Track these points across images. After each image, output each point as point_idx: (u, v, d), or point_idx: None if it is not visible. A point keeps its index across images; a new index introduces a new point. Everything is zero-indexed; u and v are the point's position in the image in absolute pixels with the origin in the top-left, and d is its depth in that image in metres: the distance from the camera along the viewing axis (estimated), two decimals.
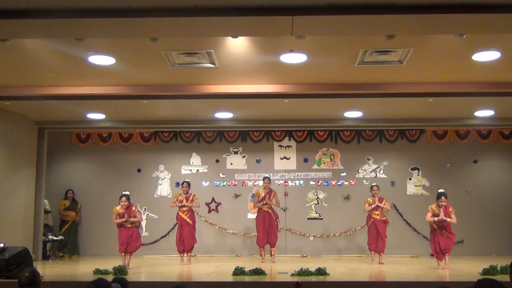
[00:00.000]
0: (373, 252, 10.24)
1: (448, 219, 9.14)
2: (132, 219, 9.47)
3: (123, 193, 9.71)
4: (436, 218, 9.17)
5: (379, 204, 10.14)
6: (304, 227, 12.21)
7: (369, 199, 10.28)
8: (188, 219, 10.04)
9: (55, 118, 11.27)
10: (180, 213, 10.10)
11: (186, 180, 10.53)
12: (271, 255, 10.42)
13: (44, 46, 6.90)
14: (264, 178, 10.73)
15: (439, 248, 9.21)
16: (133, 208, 9.57)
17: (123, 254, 9.49)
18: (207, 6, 5.70)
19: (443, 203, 9.20)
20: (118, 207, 9.52)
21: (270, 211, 10.41)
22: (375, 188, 10.30)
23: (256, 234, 10.61)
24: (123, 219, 9.42)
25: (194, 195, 10.26)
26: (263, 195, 10.45)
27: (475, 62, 7.43)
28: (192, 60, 7.43)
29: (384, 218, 10.22)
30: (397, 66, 7.64)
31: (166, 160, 12.59)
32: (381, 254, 10.14)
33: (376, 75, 8.22)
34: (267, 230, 10.36)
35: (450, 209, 9.22)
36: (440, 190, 9.56)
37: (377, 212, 10.14)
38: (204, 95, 8.98)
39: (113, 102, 9.60)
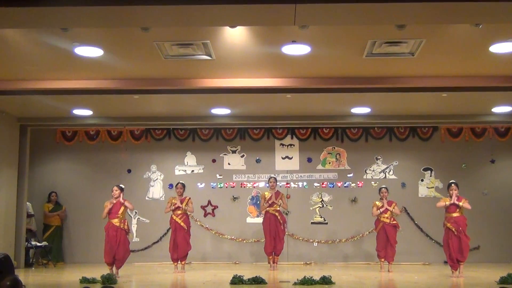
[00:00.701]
0: (382, 260, 10.24)
1: (461, 203, 9.15)
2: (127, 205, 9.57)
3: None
4: (447, 203, 9.23)
5: (388, 208, 10.14)
6: (308, 232, 12.22)
7: (377, 202, 10.28)
8: (182, 224, 10.04)
9: (38, 115, 11.27)
10: (174, 217, 10.09)
11: (180, 181, 10.53)
12: (273, 262, 10.42)
13: (27, 36, 6.90)
14: (270, 178, 10.72)
15: (454, 255, 9.19)
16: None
17: (110, 267, 9.37)
18: None
19: (453, 191, 9.25)
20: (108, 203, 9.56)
21: (277, 214, 10.39)
22: (383, 190, 10.30)
23: (264, 240, 10.59)
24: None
25: (189, 198, 10.26)
26: (270, 195, 10.43)
27: (492, 54, 7.43)
28: (187, 52, 7.44)
29: (394, 222, 10.22)
30: (408, 58, 7.65)
31: (159, 160, 12.59)
32: (391, 262, 10.13)
33: (385, 68, 8.23)
34: (273, 236, 10.35)
35: (463, 199, 9.27)
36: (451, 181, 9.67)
37: (386, 215, 10.14)
38: (200, 89, 8.98)
39: (101, 97, 9.61)
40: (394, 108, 10.82)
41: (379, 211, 10.16)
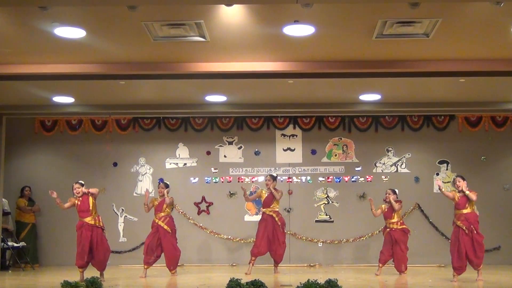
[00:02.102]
0: (381, 265, 10.22)
1: (467, 192, 9.16)
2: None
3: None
4: (457, 195, 9.26)
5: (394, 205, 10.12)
6: (312, 231, 12.27)
7: (383, 205, 10.33)
8: (166, 227, 9.94)
9: (14, 102, 11.27)
10: (157, 220, 10.03)
11: (161, 179, 10.48)
12: (275, 266, 10.43)
13: (1, 15, 6.88)
14: (267, 176, 10.67)
15: (468, 256, 9.15)
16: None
17: (81, 270, 9.32)
18: None
19: (460, 183, 9.28)
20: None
21: (274, 215, 10.35)
22: (388, 191, 10.30)
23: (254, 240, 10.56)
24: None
25: (172, 198, 10.16)
26: (266, 195, 10.42)
27: None
28: (178, 33, 7.43)
29: (403, 226, 10.22)
30: (423, 40, 7.65)
31: (148, 152, 12.62)
32: (401, 271, 10.14)
33: (397, 51, 8.23)
34: (269, 239, 10.24)
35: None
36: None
37: (392, 221, 10.17)
38: (193, 74, 8.99)
39: (84, 82, 9.60)
40: (406, 95, 10.83)
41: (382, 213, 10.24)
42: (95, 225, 9.43)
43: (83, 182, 9.66)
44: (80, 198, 9.46)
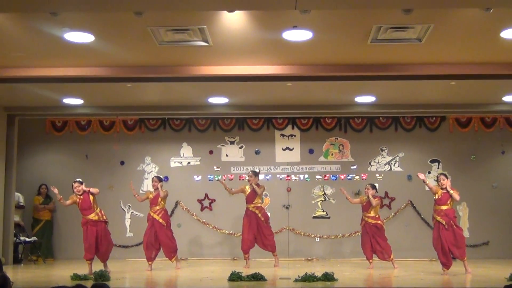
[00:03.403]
0: (371, 261, 10.18)
1: (451, 191, 9.15)
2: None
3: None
4: (439, 192, 9.25)
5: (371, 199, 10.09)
6: (309, 227, 12.26)
7: (364, 197, 10.34)
8: (161, 220, 9.85)
9: (26, 104, 11.26)
10: (152, 213, 9.95)
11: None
12: (273, 256, 10.39)
13: (14, 21, 6.87)
14: (249, 172, 10.60)
15: (450, 250, 9.15)
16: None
17: (89, 263, 9.32)
18: None
19: (444, 181, 9.26)
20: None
21: (257, 211, 10.27)
22: (368, 186, 10.26)
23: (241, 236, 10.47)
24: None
25: (166, 192, 10.06)
26: (248, 191, 10.32)
27: (503, 40, 7.42)
28: (182, 38, 7.42)
29: (378, 222, 10.17)
30: (415, 45, 7.64)
31: (153, 151, 12.60)
32: (389, 259, 10.11)
33: (391, 55, 8.22)
34: (254, 233, 10.20)
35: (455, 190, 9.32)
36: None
37: (369, 215, 10.16)
38: (196, 77, 8.97)
39: (92, 85, 9.58)
40: (400, 97, 10.80)
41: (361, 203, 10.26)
42: (99, 220, 9.41)
43: (81, 180, 9.62)
44: (81, 196, 9.42)
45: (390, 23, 6.98)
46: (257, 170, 10.98)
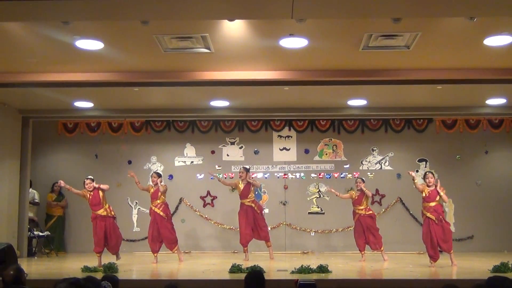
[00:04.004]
0: (363, 252, 10.17)
1: (442, 193, 9.15)
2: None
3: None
4: (426, 190, 9.23)
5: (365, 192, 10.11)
6: (305, 222, 12.25)
7: (353, 192, 10.32)
8: (162, 213, 9.79)
9: (40, 107, 11.24)
10: (153, 207, 9.89)
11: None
12: (269, 251, 10.40)
13: (28, 29, 6.87)
14: (240, 168, 10.54)
15: (439, 244, 9.16)
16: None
17: (98, 255, 9.30)
18: None
19: (432, 179, 9.28)
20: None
21: (253, 205, 10.23)
22: (359, 180, 10.29)
23: (239, 231, 10.40)
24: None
25: (165, 186, 10.02)
26: (242, 187, 10.24)
27: (486, 47, 7.42)
28: (186, 45, 7.42)
29: (370, 212, 10.21)
30: (404, 51, 7.64)
31: (159, 151, 12.59)
32: (380, 249, 10.11)
33: (381, 61, 8.22)
34: (251, 226, 10.16)
35: (442, 189, 9.29)
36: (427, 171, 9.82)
37: (361, 207, 10.16)
38: (199, 82, 8.96)
39: (101, 89, 9.58)
40: (389, 100, 10.81)
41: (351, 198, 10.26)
42: (107, 215, 9.42)
43: (93, 178, 9.64)
44: (91, 193, 9.43)
45: (380, 31, 6.98)
46: (248, 167, 10.91)
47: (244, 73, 8.65)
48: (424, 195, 9.31)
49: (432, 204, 9.23)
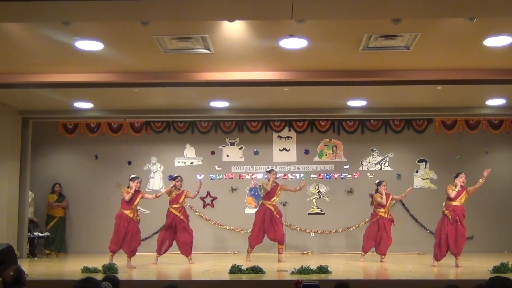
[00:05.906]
0: (363, 254, 10.13)
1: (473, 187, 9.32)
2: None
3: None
4: (456, 188, 9.27)
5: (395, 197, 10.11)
6: (305, 222, 12.24)
7: (378, 196, 10.20)
8: (182, 217, 9.88)
9: (40, 107, 11.24)
10: (173, 210, 9.93)
11: (170, 176, 10.39)
12: (278, 253, 10.22)
13: (28, 30, 6.87)
14: (271, 171, 10.42)
15: (446, 246, 9.12)
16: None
17: (112, 254, 9.32)
18: None
19: (464, 179, 9.42)
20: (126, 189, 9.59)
21: (273, 209, 10.15)
22: (384, 183, 10.23)
23: (251, 231, 10.36)
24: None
25: (187, 191, 10.12)
26: (269, 189, 10.18)
27: (486, 47, 7.42)
28: (186, 46, 7.41)
29: (391, 217, 10.20)
30: (404, 52, 7.63)
31: (158, 152, 12.59)
32: (383, 256, 10.07)
33: (381, 62, 8.21)
34: (265, 228, 10.08)
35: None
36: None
37: (383, 210, 10.11)
38: (199, 82, 8.96)
39: (101, 90, 9.57)
40: (389, 101, 10.81)
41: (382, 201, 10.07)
42: (132, 218, 9.45)
43: (141, 179, 9.82)
44: (132, 191, 9.47)
45: (380, 32, 6.98)
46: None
47: (244, 74, 8.64)
48: (452, 195, 9.26)
49: (454, 203, 9.22)
